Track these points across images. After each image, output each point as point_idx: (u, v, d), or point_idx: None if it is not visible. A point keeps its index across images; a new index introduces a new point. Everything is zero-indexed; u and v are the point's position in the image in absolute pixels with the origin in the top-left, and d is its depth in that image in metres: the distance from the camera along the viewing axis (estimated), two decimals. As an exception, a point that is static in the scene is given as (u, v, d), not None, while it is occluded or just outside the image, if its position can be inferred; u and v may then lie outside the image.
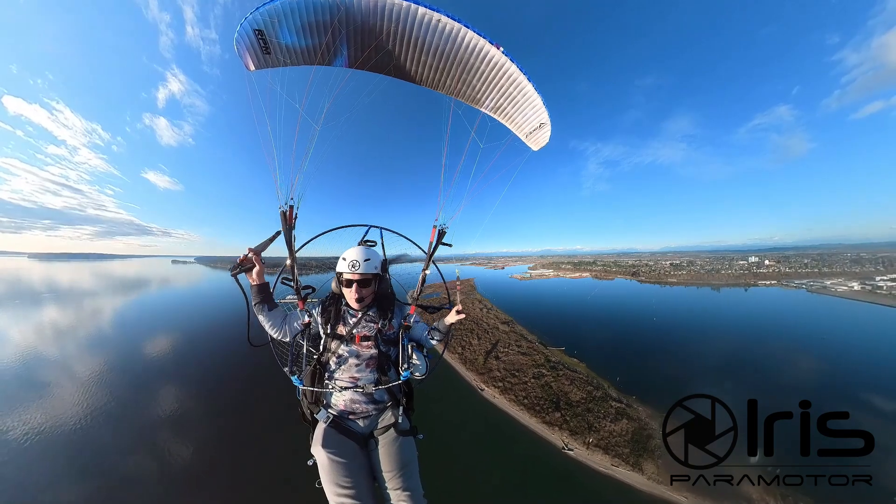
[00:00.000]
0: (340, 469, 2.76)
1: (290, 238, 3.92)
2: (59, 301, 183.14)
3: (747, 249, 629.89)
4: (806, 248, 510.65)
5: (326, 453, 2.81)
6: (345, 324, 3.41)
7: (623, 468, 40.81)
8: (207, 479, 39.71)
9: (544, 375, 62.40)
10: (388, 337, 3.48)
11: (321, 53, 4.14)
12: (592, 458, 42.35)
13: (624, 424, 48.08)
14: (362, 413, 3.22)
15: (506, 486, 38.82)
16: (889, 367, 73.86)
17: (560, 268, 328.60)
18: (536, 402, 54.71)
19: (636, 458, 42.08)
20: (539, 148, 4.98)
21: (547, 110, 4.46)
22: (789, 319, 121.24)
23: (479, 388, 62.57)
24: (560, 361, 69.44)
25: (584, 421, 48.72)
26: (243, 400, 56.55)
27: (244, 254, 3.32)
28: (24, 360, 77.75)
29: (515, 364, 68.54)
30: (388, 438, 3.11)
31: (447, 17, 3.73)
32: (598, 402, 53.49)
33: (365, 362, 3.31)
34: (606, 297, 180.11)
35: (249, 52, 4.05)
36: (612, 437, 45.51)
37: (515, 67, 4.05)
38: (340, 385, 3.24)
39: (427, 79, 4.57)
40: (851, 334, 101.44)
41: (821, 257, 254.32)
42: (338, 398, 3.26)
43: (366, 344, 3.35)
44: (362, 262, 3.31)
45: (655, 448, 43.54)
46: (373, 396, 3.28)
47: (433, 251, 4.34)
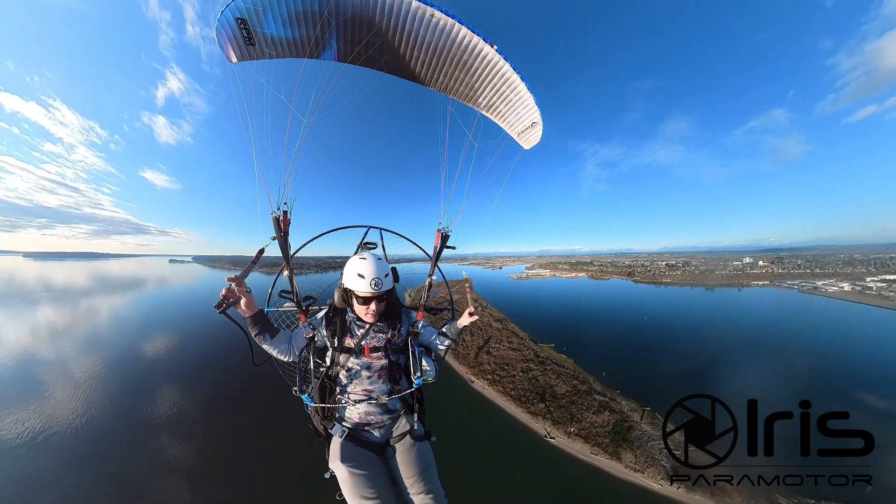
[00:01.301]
0: (363, 481, 2.75)
1: (285, 246, 3.74)
2: (55, 301, 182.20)
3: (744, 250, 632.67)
4: (801, 250, 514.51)
5: (346, 468, 2.79)
6: (352, 336, 3.30)
7: (602, 456, 42.67)
8: (208, 478, 39.86)
9: (532, 370, 64.23)
10: (398, 346, 3.42)
11: (309, 46, 3.99)
12: (573, 446, 44.27)
13: (606, 416, 49.87)
14: (377, 423, 3.20)
15: (490, 469, 41.02)
16: (872, 364, 76.01)
17: (557, 268, 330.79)
18: (523, 393, 56.68)
19: (615, 448, 43.89)
20: (531, 147, 4.95)
21: (539, 110, 4.43)
22: (777, 319, 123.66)
23: (469, 380, 64.66)
24: (549, 357, 71.26)
25: (567, 412, 50.60)
26: (243, 399, 56.25)
27: (225, 286, 2.96)
28: (18, 361, 77.51)
29: (505, 359, 70.39)
30: (406, 445, 3.10)
31: (441, 12, 3.65)
32: (582, 395, 55.27)
33: (377, 373, 3.26)
34: (600, 296, 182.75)
35: (231, 42, 3.88)
36: (593, 428, 47.33)
37: (509, 66, 4.02)
38: (354, 398, 3.19)
39: (419, 75, 4.47)
40: (835, 333, 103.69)
41: (815, 258, 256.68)
42: (352, 411, 3.21)
43: (376, 355, 3.28)
44: (382, 279, 3.11)
45: (635, 439, 45.37)
46: (387, 406, 3.25)
47: (438, 255, 4.24)
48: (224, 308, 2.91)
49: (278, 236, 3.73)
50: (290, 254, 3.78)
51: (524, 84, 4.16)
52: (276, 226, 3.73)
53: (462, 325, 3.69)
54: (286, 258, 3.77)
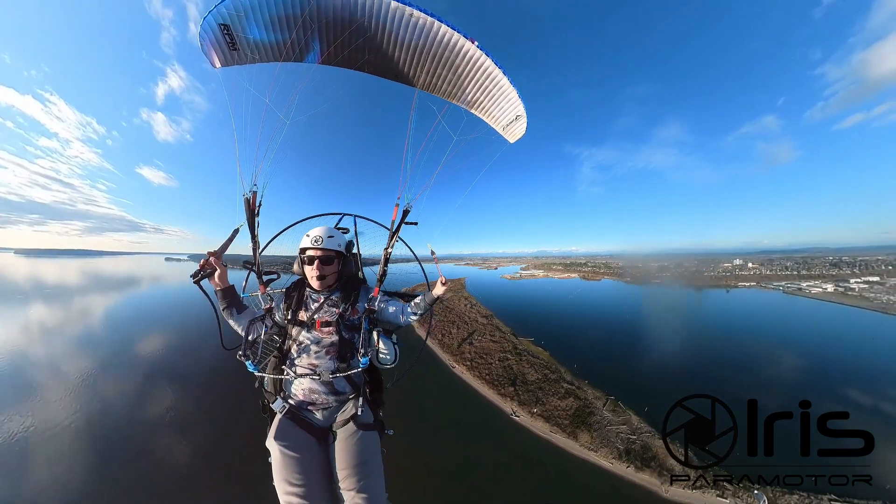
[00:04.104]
0: (292, 464, 2.60)
1: (252, 224, 3.82)
2: (49, 300, 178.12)
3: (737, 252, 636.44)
4: (794, 252, 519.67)
5: (279, 446, 2.67)
6: (306, 309, 3.29)
7: (560, 435, 47.26)
8: (202, 476, 40.39)
9: (508, 359, 69.00)
10: (351, 322, 3.31)
11: (292, 49, 4.05)
12: (534, 424, 49.15)
13: (570, 402, 54.37)
14: (322, 404, 3.06)
15: (460, 438, 46.96)
16: (842, 362, 79.69)
17: (551, 269, 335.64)
18: (496, 378, 62.10)
19: (573, 429, 48.43)
20: (515, 140, 4.93)
21: (523, 103, 4.41)
22: (756, 319, 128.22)
23: (451, 366, 70.41)
24: (527, 350, 75.91)
25: (533, 396, 55.51)
26: (237, 398, 54.77)
27: (204, 257, 3.13)
28: (10, 360, 76.93)
29: (486, 349, 75.26)
30: (347, 433, 2.86)
31: (419, 10, 3.69)
32: (551, 383, 59.84)
33: (325, 349, 3.16)
34: (588, 296, 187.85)
35: (215, 48, 3.96)
36: (556, 411, 51.94)
37: (490, 61, 4.02)
38: (298, 372, 3.10)
39: (401, 74, 4.50)
40: (809, 333, 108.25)
41: (804, 261, 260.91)
42: (296, 387, 3.11)
43: (327, 330, 3.20)
44: (325, 237, 3.24)
45: (594, 423, 49.86)
46: (333, 386, 3.11)
47: (397, 229, 4.18)
48: (199, 278, 3.10)
49: (247, 216, 3.79)
50: (258, 233, 3.85)
51: (507, 78, 4.19)
52: (246, 206, 3.82)
53: (436, 293, 3.57)
54: (253, 236, 3.83)
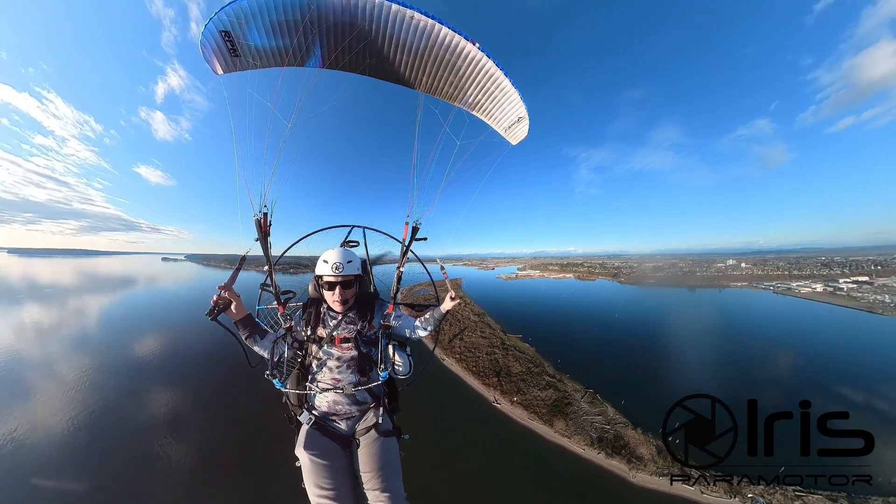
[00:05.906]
0: (322, 470, 2.83)
1: (265, 246, 3.90)
2: (44, 300, 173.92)
3: (733, 253, 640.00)
4: (787, 252, 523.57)
5: (308, 455, 2.89)
6: (325, 326, 3.45)
7: (537, 422, 50.71)
8: (205, 477, 40.54)
9: (496, 353, 72.72)
10: (369, 338, 3.50)
11: (294, 54, 4.06)
12: (514, 411, 52.89)
13: (550, 393, 57.70)
14: (345, 414, 3.27)
15: (446, 420, 51.09)
16: (837, 361, 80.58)
17: (547, 269, 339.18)
18: (482, 370, 66.54)
19: (550, 417, 51.79)
20: (517, 142, 4.95)
21: (525, 105, 4.40)
22: (743, 317, 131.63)
23: (441, 358, 74.84)
24: (514, 345, 79.36)
25: (515, 387, 59.26)
26: (239, 397, 55.61)
27: (216, 293, 3.20)
28: (3, 361, 76.36)
29: (475, 344, 79.13)
30: (370, 439, 3.12)
31: (421, 13, 3.70)
32: (534, 375, 63.22)
33: (345, 364, 3.36)
34: (582, 295, 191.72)
35: (216, 55, 3.97)
36: (535, 400, 55.41)
37: (492, 63, 4.03)
38: (322, 387, 3.30)
39: (403, 77, 4.52)
40: (795, 332, 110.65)
41: (796, 261, 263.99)
42: (320, 400, 3.31)
43: (346, 346, 3.39)
44: (345, 264, 3.33)
45: (571, 413, 53.09)
46: (355, 398, 3.32)
47: (407, 248, 4.30)
48: (215, 315, 3.18)
49: (259, 236, 3.87)
50: (271, 253, 3.93)
51: (508, 80, 4.17)
52: (258, 227, 3.87)
53: (445, 309, 3.86)
54: (267, 258, 3.91)
